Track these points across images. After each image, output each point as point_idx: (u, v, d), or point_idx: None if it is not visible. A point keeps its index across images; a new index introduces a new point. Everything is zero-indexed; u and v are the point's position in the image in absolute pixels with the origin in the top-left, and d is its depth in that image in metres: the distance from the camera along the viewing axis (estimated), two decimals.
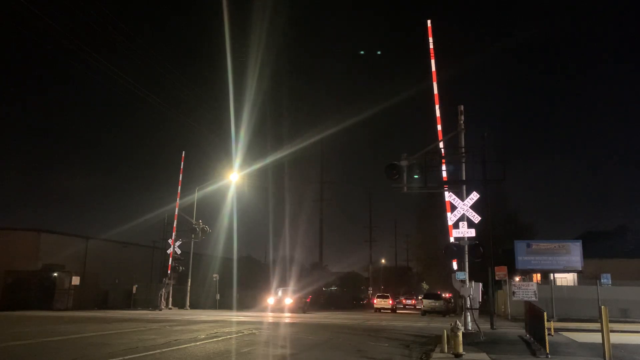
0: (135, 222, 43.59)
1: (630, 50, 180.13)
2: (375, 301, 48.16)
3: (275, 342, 14.01)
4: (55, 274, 33.85)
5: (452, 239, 17.50)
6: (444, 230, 18.83)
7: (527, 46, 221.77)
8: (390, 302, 46.77)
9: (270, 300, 37.58)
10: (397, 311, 47.72)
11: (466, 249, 17.20)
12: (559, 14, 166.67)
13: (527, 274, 38.88)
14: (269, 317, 27.88)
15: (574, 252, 30.19)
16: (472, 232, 17.25)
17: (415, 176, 17.24)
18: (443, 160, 17.70)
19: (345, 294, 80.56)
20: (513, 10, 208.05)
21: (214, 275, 44.37)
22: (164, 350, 11.69)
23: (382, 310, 44.23)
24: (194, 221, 40.96)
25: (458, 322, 11.78)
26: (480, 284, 17.67)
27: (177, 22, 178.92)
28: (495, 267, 28.49)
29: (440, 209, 22.82)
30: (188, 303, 39.30)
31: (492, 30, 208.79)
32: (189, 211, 41.29)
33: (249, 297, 50.17)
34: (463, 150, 18.13)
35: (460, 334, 11.32)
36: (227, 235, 47.53)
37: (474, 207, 17.26)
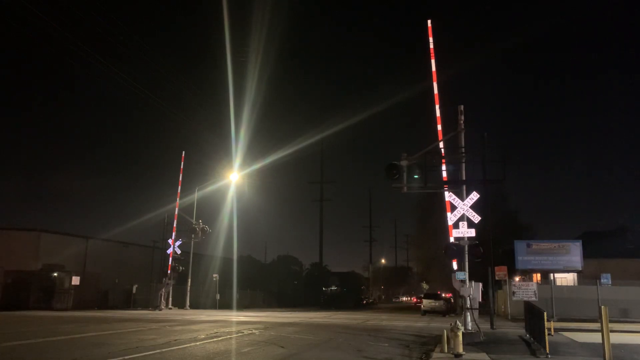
0: (135, 222, 43.66)
1: (631, 51, 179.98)
2: (414, 300, 78.63)
3: (275, 342, 14.01)
4: (55, 274, 33.80)
5: (452, 239, 17.46)
6: (444, 230, 18.79)
7: (528, 47, 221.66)
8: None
9: None
10: None
11: (466, 249, 17.17)
12: (560, 16, 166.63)
13: (527, 274, 38.86)
14: (270, 317, 27.88)
15: (574, 252, 30.16)
16: (472, 232, 17.20)
17: (415, 176, 17.19)
18: (443, 160, 17.65)
19: (346, 294, 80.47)
20: (513, 12, 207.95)
21: (214, 275, 44.37)
22: (164, 350, 11.69)
23: (416, 304, 66.55)
24: (194, 221, 40.95)
25: (458, 322, 11.78)
26: (480, 284, 17.64)
27: (178, 23, 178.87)
28: (495, 267, 28.46)
29: (440, 209, 22.79)
30: (188, 303, 39.28)
31: (493, 31, 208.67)
32: (189, 211, 41.32)
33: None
34: (463, 150, 18.09)
35: (460, 334, 11.32)
36: (227, 235, 47.60)
37: (474, 207, 17.22)
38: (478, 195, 17.24)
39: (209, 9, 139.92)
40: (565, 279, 38.29)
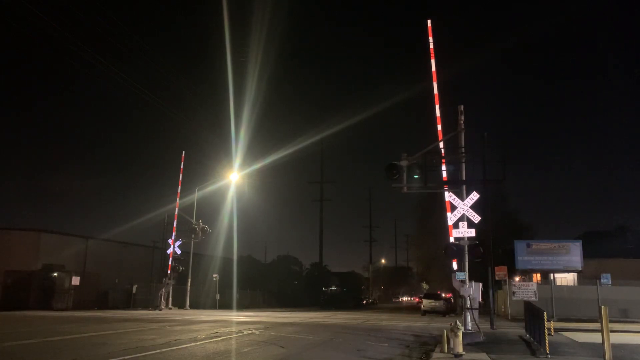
0: (135, 222, 43.63)
1: (631, 51, 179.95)
2: (417, 300, 72.64)
3: (275, 342, 14.01)
4: (55, 274, 33.80)
5: (452, 239, 17.46)
6: (444, 230, 18.79)
7: (528, 47, 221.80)
8: None
9: None
10: None
11: (466, 249, 17.16)
12: (560, 16, 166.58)
13: (527, 274, 38.85)
14: (270, 317, 27.88)
15: (574, 252, 30.14)
16: (472, 232, 17.20)
17: (415, 176, 17.18)
18: (443, 160, 17.65)
19: (346, 294, 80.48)
20: (513, 12, 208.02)
21: (214, 275, 44.36)
22: (163, 350, 11.69)
23: (418, 304, 62.58)
24: (194, 221, 40.95)
25: (458, 322, 11.77)
26: (480, 284, 17.64)
27: (178, 23, 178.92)
28: (495, 267, 28.43)
29: (440, 209, 22.79)
30: (188, 303, 39.28)
31: (493, 31, 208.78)
32: (189, 211, 41.30)
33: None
34: (463, 150, 18.08)
35: (460, 334, 11.32)
36: (227, 235, 47.60)
37: (474, 207, 17.22)
38: (478, 195, 17.23)
39: (209, 9, 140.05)
40: (565, 279, 38.28)
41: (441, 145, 18.11)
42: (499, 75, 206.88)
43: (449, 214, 17.71)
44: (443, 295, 44.31)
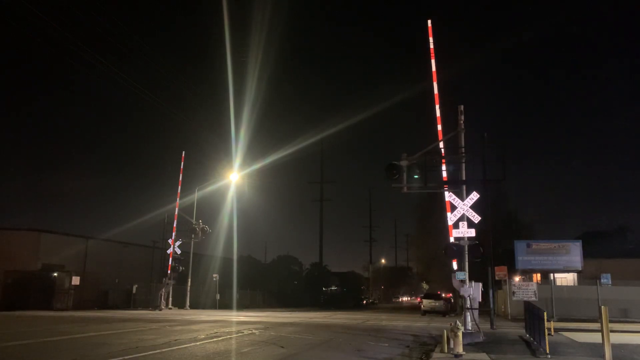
0: (135, 222, 43.63)
1: (631, 51, 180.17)
2: (418, 300, 66.79)
3: (275, 342, 14.01)
4: (55, 274, 33.81)
5: (452, 239, 17.46)
6: (444, 230, 18.78)
7: (528, 47, 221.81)
8: None
9: None
10: None
11: (466, 248, 17.16)
12: (560, 16, 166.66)
13: (527, 274, 38.87)
14: (270, 317, 27.88)
15: (574, 252, 30.15)
16: (472, 232, 17.19)
17: (415, 176, 17.19)
18: (443, 160, 17.65)
19: (346, 294, 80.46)
20: (513, 12, 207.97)
21: (214, 275, 44.38)
22: (163, 350, 11.70)
23: (420, 303, 66.03)
24: (194, 221, 40.96)
25: (458, 322, 11.78)
26: (480, 284, 17.64)
27: (178, 23, 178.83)
28: (495, 267, 28.44)
29: (440, 209, 22.78)
30: (188, 303, 39.29)
31: (493, 31, 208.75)
32: (189, 211, 41.32)
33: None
34: (463, 150, 18.08)
35: (460, 334, 11.32)
36: (227, 235, 47.63)
37: (474, 207, 17.21)
38: (478, 195, 17.22)
39: (209, 9, 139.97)
40: (565, 279, 38.28)
41: (441, 145, 18.10)
42: (499, 75, 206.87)
43: (449, 214, 17.70)
44: (443, 295, 44.29)
